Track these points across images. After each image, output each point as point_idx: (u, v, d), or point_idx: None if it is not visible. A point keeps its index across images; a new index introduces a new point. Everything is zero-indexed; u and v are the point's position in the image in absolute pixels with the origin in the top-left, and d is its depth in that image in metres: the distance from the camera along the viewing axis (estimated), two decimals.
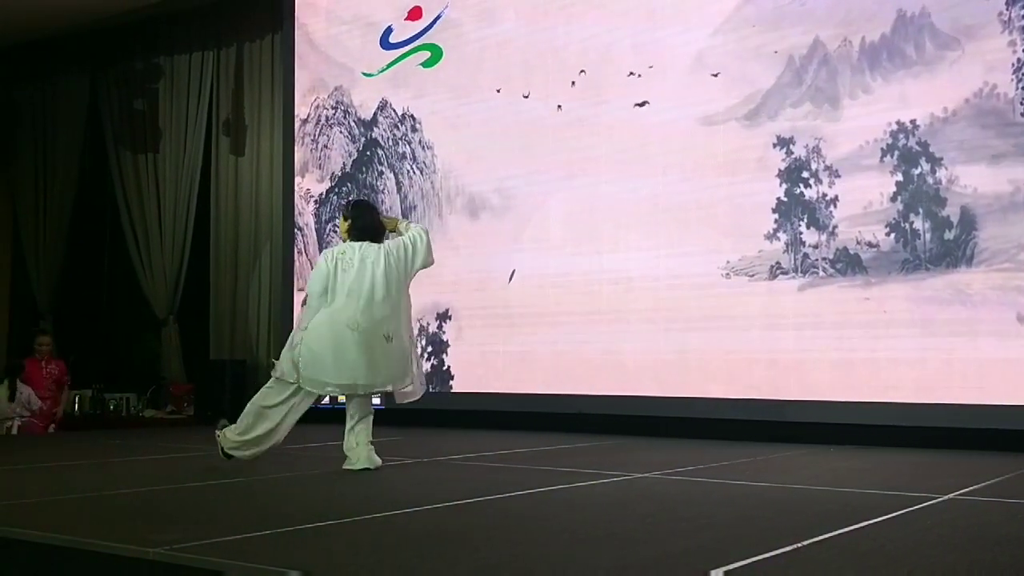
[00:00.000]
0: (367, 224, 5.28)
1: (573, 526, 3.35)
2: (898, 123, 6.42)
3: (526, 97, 8.02)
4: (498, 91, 8.20)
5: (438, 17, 8.66)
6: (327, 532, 3.24)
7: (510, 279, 7.99)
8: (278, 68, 9.87)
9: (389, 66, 8.92)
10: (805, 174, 6.78)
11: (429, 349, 8.45)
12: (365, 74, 9.06)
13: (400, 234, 5.31)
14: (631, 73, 7.51)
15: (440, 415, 8.20)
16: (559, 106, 7.85)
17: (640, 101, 7.45)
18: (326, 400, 8.26)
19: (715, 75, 7.14)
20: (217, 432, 5.13)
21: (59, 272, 11.47)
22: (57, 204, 11.47)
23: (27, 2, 9.86)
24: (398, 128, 8.93)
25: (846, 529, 3.22)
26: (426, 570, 2.64)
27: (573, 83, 7.78)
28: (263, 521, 3.38)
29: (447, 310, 8.37)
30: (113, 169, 10.96)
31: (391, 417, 8.43)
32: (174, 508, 3.90)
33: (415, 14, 8.83)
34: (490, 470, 5.17)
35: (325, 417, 8.89)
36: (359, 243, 5.17)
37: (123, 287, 11.11)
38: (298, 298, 9.28)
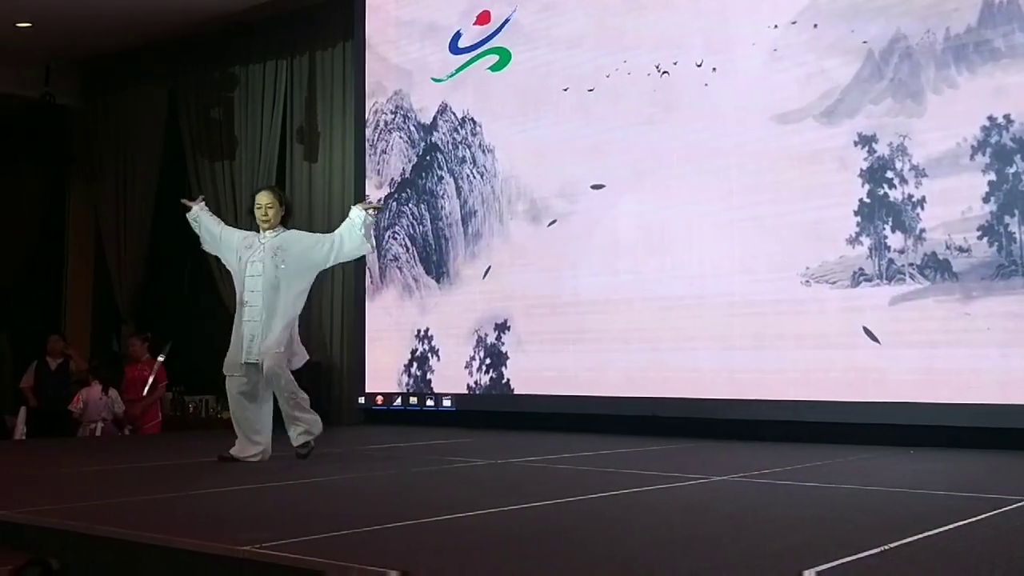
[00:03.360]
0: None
1: (656, 528, 3.33)
2: (989, 119, 6.17)
3: (588, 91, 8.01)
4: (565, 90, 8.19)
5: (507, 21, 8.69)
6: (410, 531, 3.27)
7: (484, 274, 8.00)
8: (349, 75, 10.00)
9: (458, 71, 8.97)
10: (889, 174, 6.55)
11: (489, 359, 8.47)
12: (435, 79, 9.12)
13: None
14: (701, 67, 7.42)
15: (506, 418, 8.23)
16: (628, 106, 7.81)
17: (712, 98, 7.37)
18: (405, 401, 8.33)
19: (789, 71, 7.02)
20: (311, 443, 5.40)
21: (140, 278, 11.76)
22: (137, 212, 11.76)
23: (107, 16, 10.13)
24: (458, 132, 8.95)
25: (934, 531, 3.16)
26: (511, 571, 2.66)
27: (647, 75, 7.74)
28: (346, 520, 3.43)
29: (515, 314, 8.36)
30: (191, 177, 11.20)
31: (462, 420, 8.52)
32: (259, 507, 3.97)
33: (484, 18, 8.87)
34: (566, 472, 5.16)
35: (389, 418, 9.00)
36: None
37: (202, 291, 11.34)
38: (377, 299, 9.41)
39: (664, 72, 7.64)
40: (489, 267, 8.53)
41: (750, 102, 7.16)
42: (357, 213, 5.72)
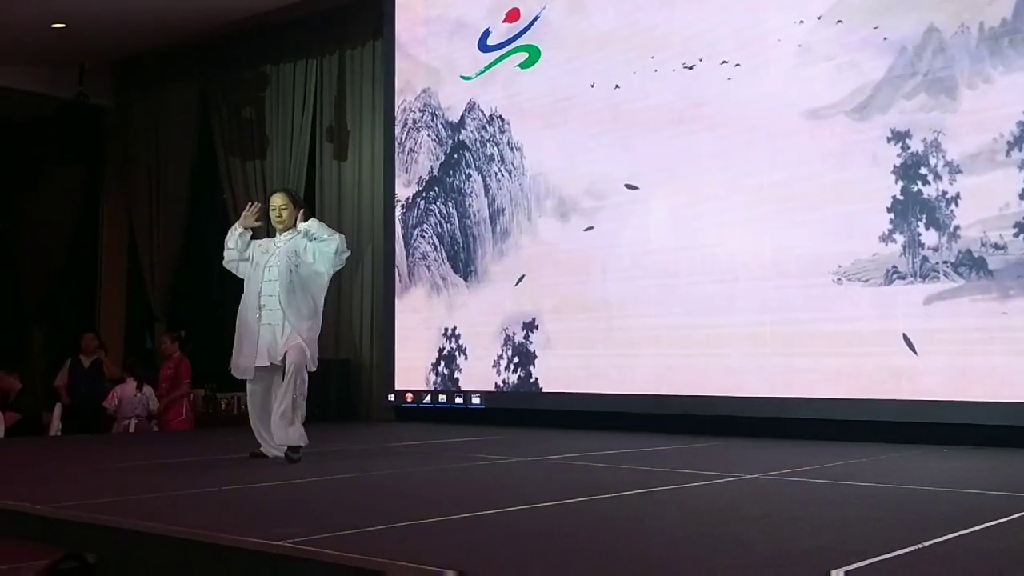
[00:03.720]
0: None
1: (688, 526, 3.33)
2: None
3: (616, 88, 7.99)
4: (592, 86, 8.17)
5: (536, 18, 8.69)
6: (442, 528, 3.29)
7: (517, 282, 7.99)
8: (378, 73, 10.05)
9: (487, 68, 8.97)
10: (923, 170, 6.47)
11: (517, 359, 8.47)
12: (464, 77, 9.14)
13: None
14: (731, 64, 7.39)
15: (535, 415, 8.23)
16: (658, 103, 7.78)
17: (742, 95, 7.33)
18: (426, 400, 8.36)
19: (820, 67, 6.97)
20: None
21: (173, 276, 11.87)
22: (170, 210, 11.88)
23: (140, 16, 10.22)
24: (486, 129, 8.95)
25: (969, 530, 3.13)
26: (543, 567, 2.66)
27: (675, 73, 7.71)
28: (381, 516, 3.45)
29: (544, 311, 8.36)
30: (223, 176, 11.30)
31: (490, 417, 8.53)
32: (292, 503, 4.00)
33: (513, 16, 8.87)
34: (597, 470, 5.16)
35: (418, 416, 9.03)
36: None
37: (234, 290, 11.42)
38: (405, 297, 9.45)
39: (694, 69, 7.60)
40: (523, 276, 8.49)
41: (781, 98, 7.12)
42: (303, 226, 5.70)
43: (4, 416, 8.17)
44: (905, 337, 6.43)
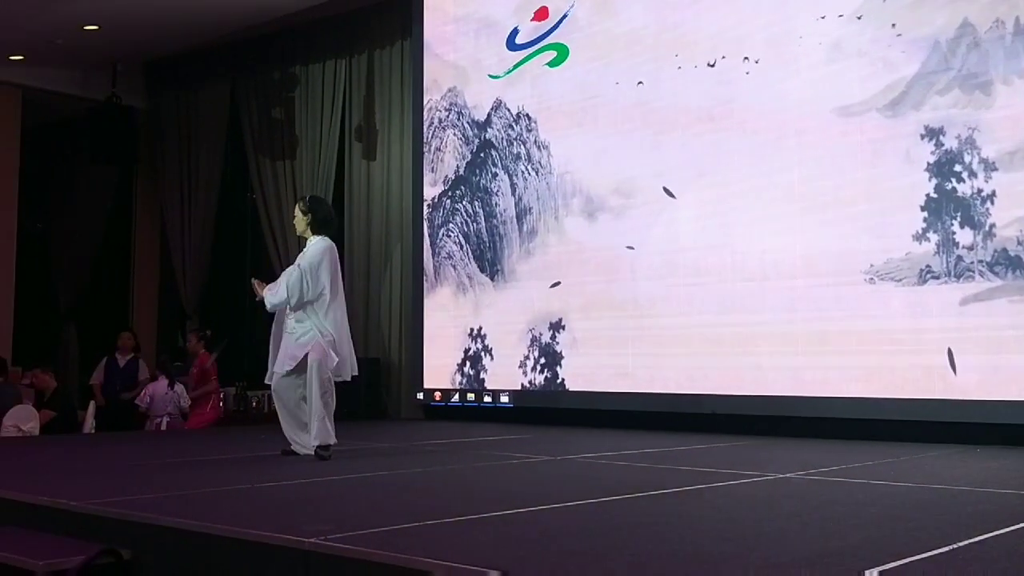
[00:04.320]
0: (330, 216, 5.87)
1: (720, 524, 3.32)
2: None
3: (645, 86, 7.96)
4: (619, 84, 8.14)
5: (564, 16, 8.68)
6: (470, 525, 3.30)
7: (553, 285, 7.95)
8: (407, 73, 10.07)
9: (516, 67, 8.97)
10: (958, 168, 6.39)
11: (543, 359, 8.46)
12: (492, 76, 9.14)
13: None
14: (761, 61, 7.34)
15: (562, 415, 8.22)
16: (688, 101, 7.74)
17: (771, 92, 7.28)
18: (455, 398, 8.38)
19: (852, 63, 6.90)
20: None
21: (204, 275, 11.97)
22: (201, 210, 11.97)
23: (171, 17, 10.31)
24: (512, 128, 8.94)
25: (1004, 530, 3.11)
26: (576, 565, 2.66)
27: (704, 70, 7.68)
28: (412, 514, 3.46)
29: (571, 311, 8.34)
30: (253, 176, 11.38)
31: (518, 416, 8.53)
32: (324, 500, 4.03)
33: (541, 14, 8.87)
34: (628, 469, 5.15)
35: (446, 414, 9.05)
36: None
37: None
38: (432, 297, 9.47)
39: (722, 66, 7.56)
40: (558, 281, 8.45)
41: (811, 95, 7.07)
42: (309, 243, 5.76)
43: (40, 414, 8.26)
44: (949, 353, 6.32)
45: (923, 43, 6.58)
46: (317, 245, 5.68)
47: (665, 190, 7.77)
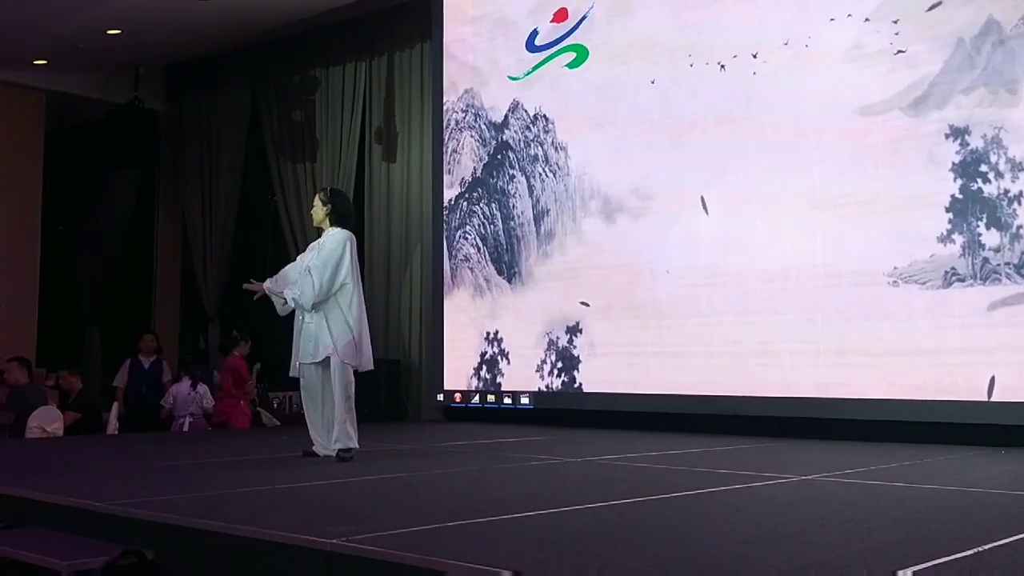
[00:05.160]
0: (350, 212, 5.90)
1: (741, 527, 3.30)
2: None
3: (664, 87, 7.94)
4: (638, 85, 8.12)
5: (584, 18, 8.67)
6: (490, 527, 3.30)
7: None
8: (427, 75, 10.09)
9: (535, 68, 8.96)
10: (983, 168, 6.30)
11: (560, 363, 8.45)
12: (511, 78, 9.13)
13: None
14: (781, 59, 7.29)
15: (581, 416, 8.20)
16: (707, 101, 7.71)
17: (792, 92, 7.23)
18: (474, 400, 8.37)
19: (874, 61, 6.84)
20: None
21: (225, 277, 12.02)
22: (222, 212, 12.03)
23: (192, 21, 10.37)
24: (530, 129, 8.91)
25: None
26: (595, 567, 2.66)
27: (723, 71, 7.64)
28: (432, 515, 3.47)
29: (589, 316, 8.31)
30: (274, 178, 11.42)
31: (537, 418, 8.52)
32: (345, 501, 4.04)
33: (561, 16, 8.86)
34: (648, 471, 5.14)
35: (465, 416, 9.05)
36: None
37: None
38: (449, 300, 9.48)
39: (742, 66, 7.51)
40: (587, 303, 8.38)
41: (832, 95, 7.00)
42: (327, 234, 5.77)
43: (64, 415, 8.33)
44: (992, 383, 6.23)
45: (947, 41, 6.50)
46: (337, 236, 5.68)
47: (702, 201, 7.62)
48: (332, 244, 5.63)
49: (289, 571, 2.97)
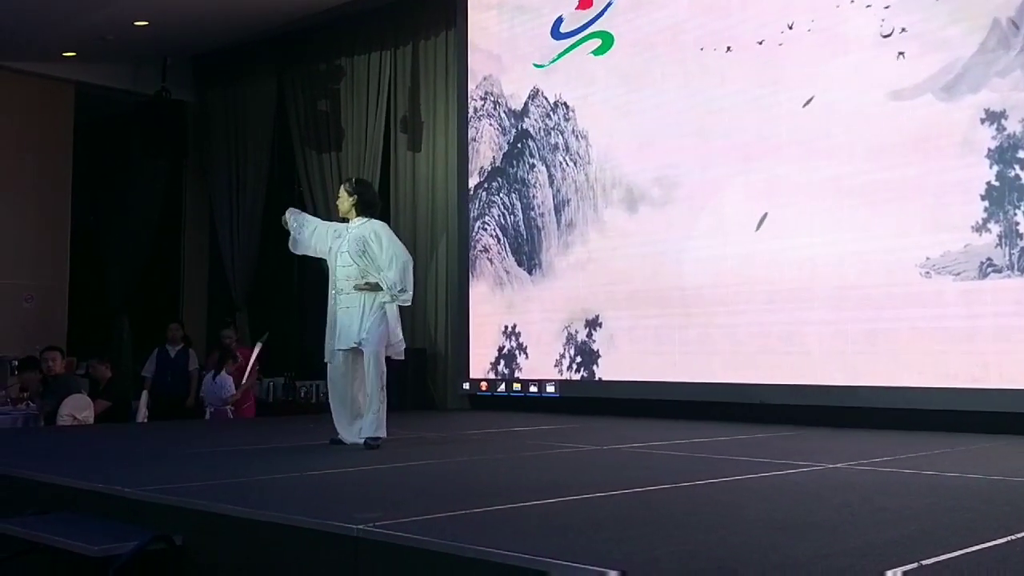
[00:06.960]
0: (376, 200, 5.96)
1: (770, 515, 3.28)
2: None
3: (689, 73, 7.87)
4: (663, 71, 8.06)
5: (609, 4, 8.61)
6: (515, 513, 3.30)
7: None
8: (452, 64, 10.07)
9: (560, 56, 8.92)
10: (1021, 154, 6.15)
11: (580, 357, 8.41)
12: (536, 65, 9.09)
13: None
14: (809, 42, 7.19)
15: (605, 405, 8.18)
16: (733, 87, 7.63)
17: (821, 76, 7.14)
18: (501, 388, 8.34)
19: (905, 42, 6.72)
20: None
21: (253, 266, 12.09)
22: (249, 202, 12.09)
23: (218, 12, 10.42)
24: (550, 117, 8.83)
25: None
26: (623, 554, 2.65)
27: (750, 56, 7.57)
28: (458, 501, 3.47)
29: (612, 303, 8.27)
30: (300, 168, 11.46)
31: (561, 406, 8.51)
32: (373, 488, 4.05)
33: (586, 2, 8.81)
34: (673, 459, 5.12)
35: (489, 404, 9.06)
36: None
37: (312, 280, 11.60)
38: (474, 288, 9.47)
39: (769, 51, 7.43)
40: (612, 291, 8.34)
41: (863, 78, 6.89)
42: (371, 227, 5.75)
43: (95, 403, 8.41)
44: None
45: (982, 21, 6.33)
46: (385, 227, 5.75)
47: (761, 219, 7.36)
48: (389, 235, 5.70)
49: (317, 556, 2.98)
